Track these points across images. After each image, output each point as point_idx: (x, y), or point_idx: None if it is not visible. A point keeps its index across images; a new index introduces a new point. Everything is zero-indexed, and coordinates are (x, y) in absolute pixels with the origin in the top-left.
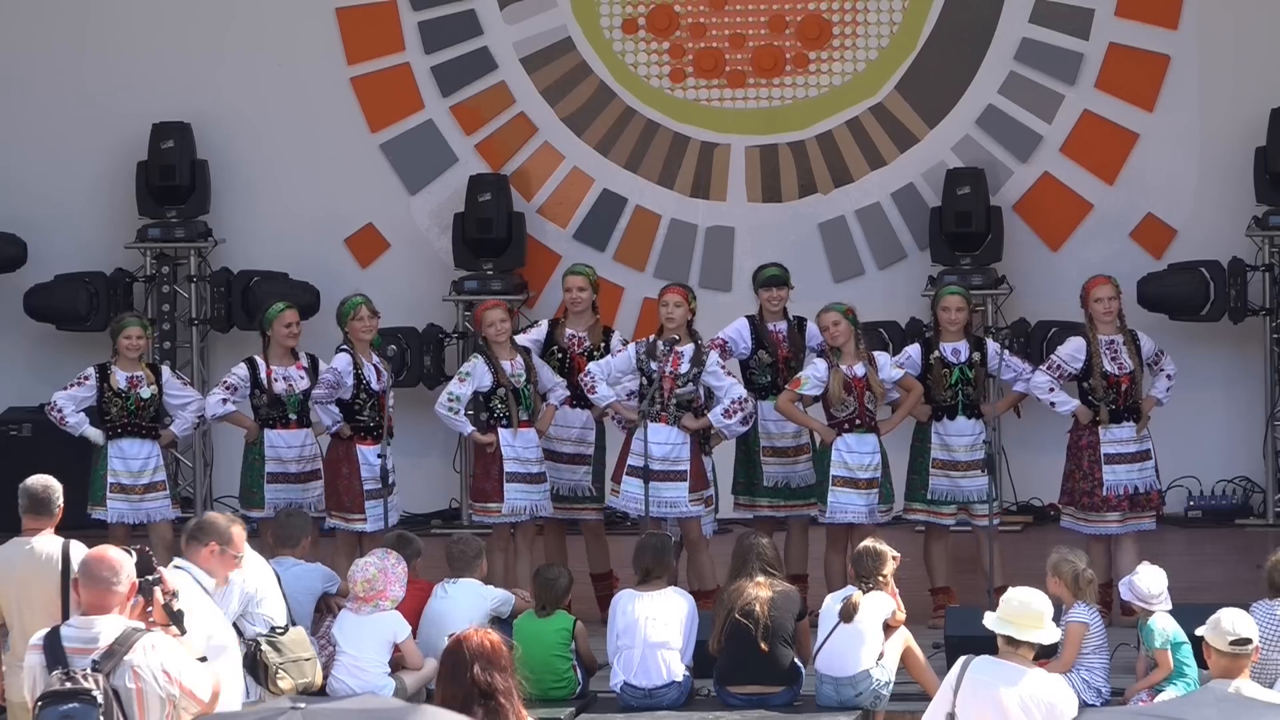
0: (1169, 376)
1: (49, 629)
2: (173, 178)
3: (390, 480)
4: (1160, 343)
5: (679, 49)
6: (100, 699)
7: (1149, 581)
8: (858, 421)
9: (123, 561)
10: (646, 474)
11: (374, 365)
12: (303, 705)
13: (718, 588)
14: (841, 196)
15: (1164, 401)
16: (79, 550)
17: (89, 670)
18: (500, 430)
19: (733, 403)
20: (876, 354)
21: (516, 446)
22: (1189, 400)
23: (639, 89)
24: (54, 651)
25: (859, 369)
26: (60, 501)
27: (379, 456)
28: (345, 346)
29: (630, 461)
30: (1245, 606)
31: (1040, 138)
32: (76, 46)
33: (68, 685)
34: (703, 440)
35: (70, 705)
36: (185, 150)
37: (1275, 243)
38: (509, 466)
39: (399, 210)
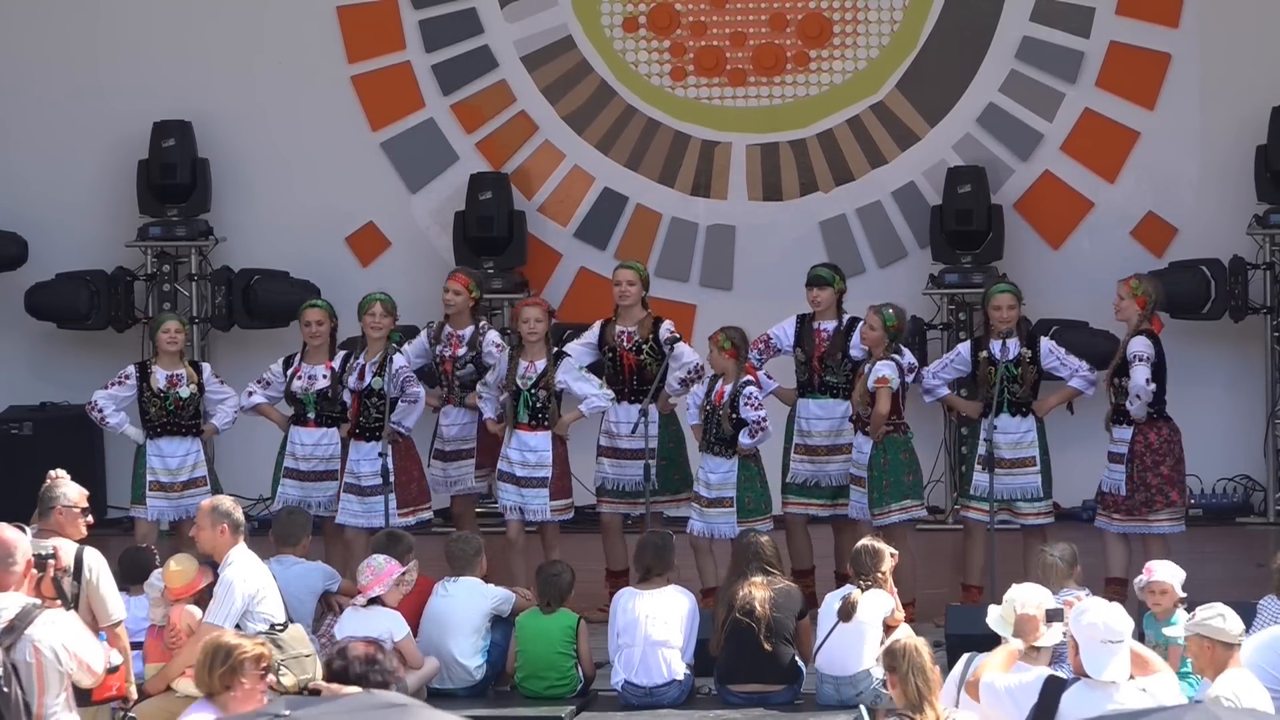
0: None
1: None
2: (174, 176)
3: (390, 479)
4: (1163, 341)
5: (680, 47)
6: None
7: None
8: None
9: (17, 541)
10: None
11: (370, 366)
12: (287, 713)
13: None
14: (842, 195)
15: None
16: (93, 557)
17: None
18: None
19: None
20: (880, 363)
21: (506, 447)
22: (1190, 399)
23: (640, 87)
24: None
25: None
26: (62, 500)
27: (379, 455)
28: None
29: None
30: (1245, 605)
31: (1041, 136)
32: (77, 45)
33: None
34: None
35: None
36: (186, 149)
37: (1276, 241)
38: (499, 465)
39: (400, 209)
